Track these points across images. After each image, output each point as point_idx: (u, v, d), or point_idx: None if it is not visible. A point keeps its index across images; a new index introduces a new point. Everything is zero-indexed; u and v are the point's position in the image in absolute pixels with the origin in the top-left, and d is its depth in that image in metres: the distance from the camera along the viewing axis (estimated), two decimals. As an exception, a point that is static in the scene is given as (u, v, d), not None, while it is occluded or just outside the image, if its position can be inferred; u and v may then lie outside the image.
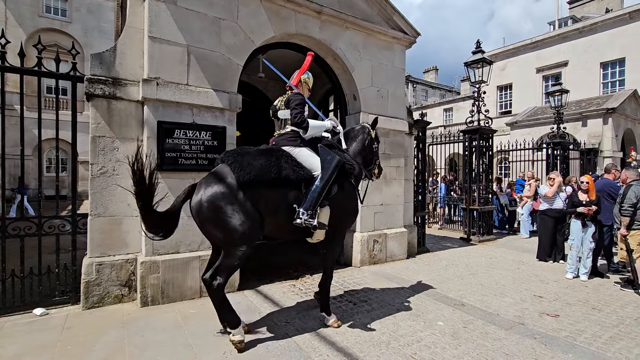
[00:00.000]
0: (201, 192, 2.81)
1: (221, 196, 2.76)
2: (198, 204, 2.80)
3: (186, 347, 2.94)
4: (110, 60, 3.89)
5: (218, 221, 2.76)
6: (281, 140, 3.35)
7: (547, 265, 6.09)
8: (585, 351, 3.03)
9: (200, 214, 2.80)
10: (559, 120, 10.79)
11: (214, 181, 2.83)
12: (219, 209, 2.74)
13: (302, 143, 3.32)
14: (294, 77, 3.65)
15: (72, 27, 21.24)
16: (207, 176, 2.95)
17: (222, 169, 2.90)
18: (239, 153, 2.98)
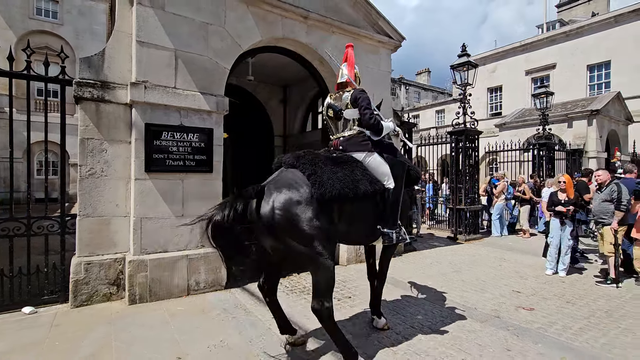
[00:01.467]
0: (272, 199, 2.48)
1: (297, 205, 2.47)
2: (270, 212, 2.46)
3: (172, 342, 3.04)
4: (98, 64, 3.99)
5: (292, 234, 2.47)
6: (351, 145, 3.04)
7: (529, 262, 6.27)
8: (555, 341, 3.18)
9: (273, 224, 2.45)
10: (544, 121, 11.06)
11: (287, 188, 2.53)
12: (297, 218, 2.45)
13: (372, 147, 3.02)
14: (347, 72, 3.28)
15: (63, 29, 21.14)
16: (275, 182, 2.62)
17: (295, 175, 2.63)
18: (314, 162, 2.67)
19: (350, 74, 3.27)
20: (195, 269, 4.27)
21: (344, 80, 3.26)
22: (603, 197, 5.53)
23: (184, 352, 2.87)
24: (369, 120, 2.95)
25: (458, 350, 2.98)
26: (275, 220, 2.44)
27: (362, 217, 2.82)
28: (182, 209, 4.24)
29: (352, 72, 3.30)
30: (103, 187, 4.00)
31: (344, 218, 2.70)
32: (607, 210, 5.35)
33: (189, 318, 3.58)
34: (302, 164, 2.66)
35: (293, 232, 2.46)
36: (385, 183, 2.89)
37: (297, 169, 2.66)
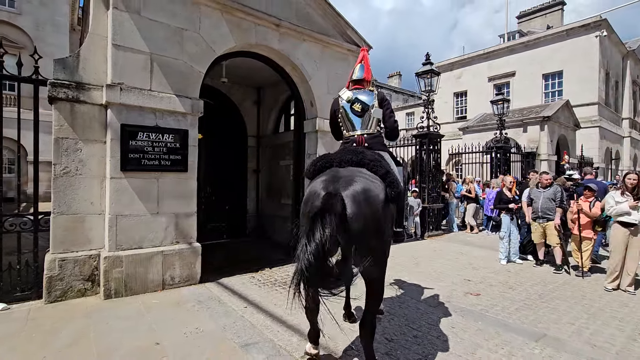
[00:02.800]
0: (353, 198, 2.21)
1: (385, 205, 2.34)
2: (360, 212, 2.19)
3: (149, 331, 3.24)
4: (73, 65, 4.08)
5: (375, 236, 2.28)
6: (375, 143, 3.04)
7: (482, 255, 6.89)
8: (493, 319, 3.68)
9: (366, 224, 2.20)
10: (501, 126, 11.95)
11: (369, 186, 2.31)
12: (381, 221, 2.31)
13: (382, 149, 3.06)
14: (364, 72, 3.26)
15: (22, 20, 20.02)
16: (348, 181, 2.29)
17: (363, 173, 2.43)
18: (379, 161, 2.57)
19: (368, 74, 3.28)
20: (170, 264, 4.45)
21: (361, 77, 3.23)
22: (548, 196, 6.28)
23: (161, 339, 3.09)
24: (393, 124, 3.13)
25: (410, 328, 3.40)
26: (367, 220, 2.19)
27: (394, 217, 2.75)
28: (157, 207, 4.40)
29: (369, 72, 3.31)
30: (78, 186, 4.09)
31: (391, 221, 2.64)
32: (551, 208, 6.08)
33: (165, 310, 3.77)
34: (370, 162, 2.51)
35: (379, 237, 2.28)
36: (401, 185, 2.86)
37: (365, 167, 2.49)
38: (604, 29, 18.55)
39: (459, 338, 3.23)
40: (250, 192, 8.60)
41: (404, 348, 3.01)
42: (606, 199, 5.08)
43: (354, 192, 2.20)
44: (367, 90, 3.18)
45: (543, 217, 6.20)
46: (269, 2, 5.46)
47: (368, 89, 3.19)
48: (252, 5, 5.21)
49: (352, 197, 2.18)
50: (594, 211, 5.52)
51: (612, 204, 4.87)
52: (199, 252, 4.69)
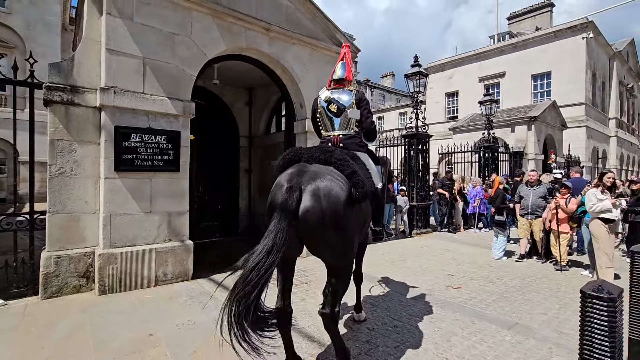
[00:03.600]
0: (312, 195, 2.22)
1: (345, 202, 2.30)
2: (317, 210, 2.19)
3: (143, 323, 3.40)
4: (68, 69, 4.21)
5: (336, 233, 2.28)
6: (351, 144, 3.03)
7: (467, 251, 7.13)
8: (470, 310, 3.90)
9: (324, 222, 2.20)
10: (489, 126, 12.24)
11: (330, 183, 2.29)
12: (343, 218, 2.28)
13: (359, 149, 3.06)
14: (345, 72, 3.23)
15: (12, 19, 19.85)
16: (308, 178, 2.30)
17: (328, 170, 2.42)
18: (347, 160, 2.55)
19: (349, 74, 3.24)
20: (163, 261, 4.60)
21: (342, 76, 3.19)
22: (538, 194, 6.58)
23: (154, 330, 3.25)
24: (370, 125, 3.08)
25: (391, 319, 3.61)
26: (325, 218, 2.19)
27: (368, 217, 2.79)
28: (151, 206, 4.55)
29: (350, 71, 3.28)
30: (72, 186, 4.23)
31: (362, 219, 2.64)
32: (541, 205, 6.42)
33: (158, 304, 3.93)
34: (337, 161, 2.50)
35: (338, 233, 2.27)
36: (376, 182, 2.93)
37: (332, 166, 2.48)
38: (590, 30, 18.98)
39: (436, 327, 3.44)
40: (243, 192, 8.75)
41: (384, 336, 3.21)
42: (588, 197, 5.17)
43: (316, 188, 2.23)
44: (347, 90, 3.13)
45: (532, 214, 6.55)
46: (259, 7, 5.63)
47: (348, 89, 3.15)
48: (242, 10, 5.37)
49: (313, 192, 2.21)
50: (570, 207, 5.79)
51: (595, 201, 4.94)
52: (191, 250, 4.85)
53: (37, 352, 2.85)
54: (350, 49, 6.72)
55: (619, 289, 1.46)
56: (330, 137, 3.10)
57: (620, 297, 1.44)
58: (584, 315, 1.43)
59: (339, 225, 2.26)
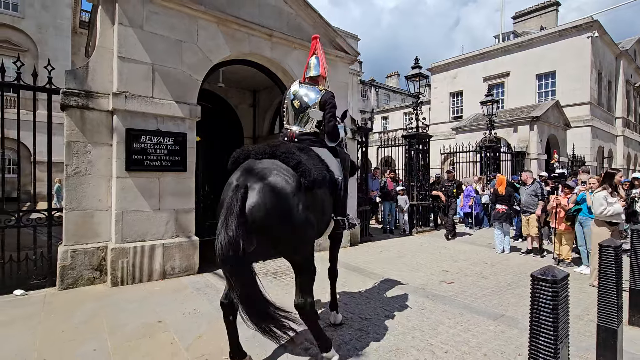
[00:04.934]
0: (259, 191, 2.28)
1: (292, 196, 2.36)
2: (261, 205, 2.24)
3: (153, 312, 3.67)
4: (83, 76, 4.51)
5: (283, 228, 2.34)
6: (306, 139, 3.06)
7: (465, 249, 7.31)
8: (459, 303, 4.11)
9: (268, 217, 2.26)
10: (491, 126, 12.36)
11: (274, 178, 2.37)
12: (291, 209, 2.35)
13: (322, 145, 3.12)
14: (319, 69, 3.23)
15: (25, 23, 20.42)
16: (256, 173, 2.38)
17: (276, 164, 2.50)
18: (293, 152, 2.61)
19: (322, 70, 3.23)
20: (171, 256, 4.89)
21: (317, 74, 3.20)
22: (530, 192, 6.91)
23: (163, 317, 3.53)
24: (332, 128, 3.05)
25: (384, 310, 3.84)
26: (269, 214, 2.25)
27: (327, 207, 2.87)
28: (159, 204, 4.84)
29: (323, 67, 3.25)
30: (87, 184, 4.53)
31: (319, 210, 2.69)
32: (532, 202, 6.73)
33: (166, 295, 4.21)
34: (282, 154, 2.57)
35: (287, 226, 2.33)
36: (336, 175, 2.99)
37: (277, 159, 2.55)
38: (595, 30, 18.92)
39: (425, 317, 3.66)
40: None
41: (375, 325, 3.44)
42: (597, 200, 4.82)
43: (260, 185, 2.29)
44: (317, 88, 3.12)
45: (526, 211, 6.84)
46: (262, 14, 5.89)
47: (318, 87, 3.15)
48: (245, 17, 5.63)
49: (258, 190, 2.27)
50: (562, 204, 5.98)
51: (605, 205, 4.67)
52: (197, 245, 5.12)
53: (58, 335, 3.13)
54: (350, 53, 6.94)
55: (565, 274, 1.68)
56: (288, 132, 3.13)
57: (564, 280, 1.66)
58: (533, 296, 1.64)
59: (286, 218, 2.31)
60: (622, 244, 2.99)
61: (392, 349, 2.97)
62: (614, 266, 2.49)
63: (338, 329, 3.34)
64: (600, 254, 2.60)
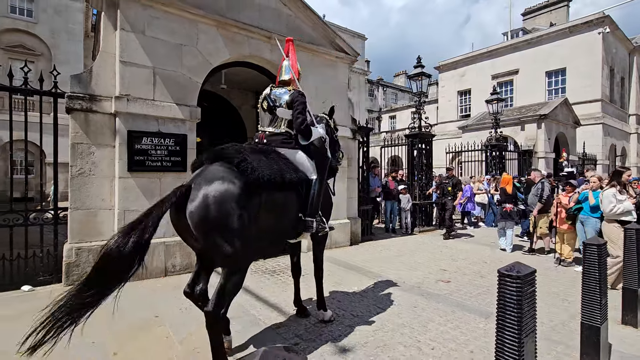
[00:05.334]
0: (202, 194, 2.32)
1: (232, 197, 2.35)
2: (203, 208, 2.29)
3: (152, 307, 3.81)
4: (87, 80, 4.68)
5: (221, 230, 2.32)
6: (274, 141, 3.10)
7: (466, 248, 7.30)
8: (453, 301, 4.14)
9: (207, 219, 2.29)
10: (496, 125, 12.24)
11: (218, 181, 2.39)
12: (230, 211, 2.32)
13: (296, 146, 3.13)
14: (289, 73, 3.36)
15: (38, 28, 21.03)
16: (203, 176, 2.45)
17: (223, 167, 2.52)
18: (240, 152, 2.63)
19: (295, 70, 3.35)
20: (172, 254, 5.03)
21: (288, 78, 3.32)
22: (533, 192, 6.93)
23: (160, 312, 3.66)
24: (300, 125, 3.07)
25: (376, 307, 3.89)
26: (209, 216, 2.28)
27: (288, 207, 2.88)
28: (160, 203, 4.98)
29: (296, 68, 3.37)
30: (91, 185, 4.70)
31: (274, 208, 2.71)
32: (534, 202, 6.75)
33: (166, 292, 4.34)
34: (228, 156, 2.58)
35: (222, 229, 2.31)
36: (309, 175, 3.05)
37: (224, 162, 2.57)
38: (607, 25, 18.52)
39: (417, 315, 3.70)
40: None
41: (366, 322, 3.50)
42: (606, 198, 4.78)
43: (201, 191, 2.33)
44: (287, 90, 3.20)
45: (531, 211, 6.86)
46: (261, 17, 6.00)
47: (288, 88, 3.23)
48: (245, 20, 5.75)
49: (198, 195, 2.32)
50: (563, 202, 5.92)
51: (615, 203, 4.62)
52: (198, 243, 5.25)
53: (60, 328, 3.28)
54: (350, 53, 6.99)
55: (530, 270, 1.72)
56: (259, 133, 3.23)
57: (530, 276, 1.70)
58: (499, 291, 1.69)
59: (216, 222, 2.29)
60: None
61: (380, 344, 3.03)
62: (597, 264, 2.50)
63: (329, 325, 3.41)
64: (583, 252, 2.62)
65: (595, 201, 5.44)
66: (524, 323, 1.60)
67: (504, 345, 1.64)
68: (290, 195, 2.89)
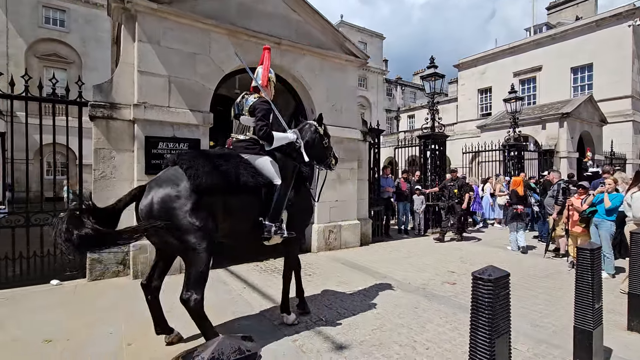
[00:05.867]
0: (152, 195, 2.65)
1: (175, 199, 2.62)
2: (149, 206, 2.63)
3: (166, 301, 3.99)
4: (108, 89, 5.01)
5: (172, 225, 2.60)
6: (239, 147, 3.24)
7: (478, 250, 7.23)
8: (455, 303, 4.17)
9: (151, 217, 2.60)
10: (514, 124, 11.96)
11: (165, 184, 2.68)
12: (173, 211, 2.59)
13: (261, 151, 3.24)
14: (261, 76, 3.48)
15: (70, 37, 22.28)
16: (157, 179, 2.78)
17: (175, 171, 2.76)
18: (195, 156, 2.87)
19: (263, 80, 3.44)
20: (186, 252, 5.29)
21: (258, 83, 3.42)
22: (549, 194, 6.83)
23: (174, 306, 3.87)
24: (259, 131, 3.17)
25: (379, 307, 3.99)
26: (153, 214, 2.58)
27: (246, 209, 3.01)
28: (175, 204, 5.26)
29: (266, 77, 3.45)
30: (112, 187, 5.03)
31: (229, 210, 2.86)
32: (550, 204, 6.66)
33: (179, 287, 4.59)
34: (182, 160, 2.78)
35: (170, 226, 2.57)
36: (274, 180, 3.14)
37: (177, 166, 2.78)
38: (637, 17, 17.64)
39: (417, 316, 3.77)
40: (265, 191, 9.40)
41: (365, 321, 3.60)
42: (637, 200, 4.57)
43: (153, 194, 2.66)
44: (253, 97, 3.31)
45: (549, 213, 6.79)
46: (271, 24, 6.19)
47: (254, 96, 3.33)
48: (255, 27, 5.96)
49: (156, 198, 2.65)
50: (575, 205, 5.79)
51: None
52: (210, 243, 5.50)
53: (83, 319, 3.59)
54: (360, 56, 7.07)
55: (504, 273, 1.80)
56: (228, 140, 3.41)
57: (503, 280, 1.77)
58: (472, 293, 1.78)
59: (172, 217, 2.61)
60: None
61: (376, 343, 3.14)
62: (590, 269, 2.51)
63: (329, 324, 3.54)
64: (577, 256, 2.62)
65: (611, 204, 5.30)
66: (495, 324, 1.68)
67: (476, 345, 1.72)
68: (246, 198, 3.00)
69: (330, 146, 3.95)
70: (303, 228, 3.78)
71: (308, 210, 3.69)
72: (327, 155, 3.85)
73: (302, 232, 3.81)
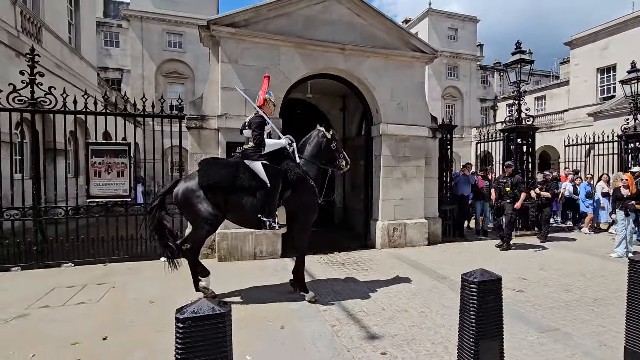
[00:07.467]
0: (179, 186, 3.96)
1: (190, 191, 3.85)
2: (176, 193, 3.96)
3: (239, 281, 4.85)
4: (199, 104, 6.09)
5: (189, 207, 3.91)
6: (245, 155, 4.12)
7: (563, 256, 6.40)
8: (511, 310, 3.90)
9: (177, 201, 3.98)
10: (636, 109, 9.90)
11: (186, 180, 3.99)
12: (189, 199, 3.86)
13: (259, 157, 3.98)
14: (259, 98, 4.35)
15: (186, 56, 26.33)
16: (185, 177, 4.22)
17: (194, 173, 4.07)
18: (208, 162, 4.02)
19: (260, 100, 4.30)
20: (259, 241, 6.11)
21: (256, 104, 4.31)
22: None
23: (245, 285, 4.65)
24: (253, 139, 4.01)
25: (424, 306, 4.06)
26: (178, 200, 3.93)
27: (244, 205, 3.92)
28: (251, 200, 6.11)
29: (261, 100, 4.29)
30: (202, 184, 6.11)
31: (231, 202, 3.91)
32: None
33: (252, 271, 5.39)
34: (199, 165, 3.99)
35: (188, 208, 3.93)
36: (267, 182, 3.89)
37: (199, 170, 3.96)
38: None
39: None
40: (338, 188, 9.86)
41: (406, 317, 3.74)
42: None
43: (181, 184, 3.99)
44: (253, 114, 4.26)
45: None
46: (335, 31, 6.56)
47: (254, 113, 4.26)
48: (320, 37, 6.41)
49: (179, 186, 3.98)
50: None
51: None
52: (279, 235, 6.21)
53: (175, 288, 4.58)
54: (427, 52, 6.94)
55: (494, 277, 1.84)
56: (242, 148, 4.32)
57: (492, 284, 1.83)
58: (461, 296, 1.89)
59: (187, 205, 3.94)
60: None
61: (409, 338, 3.28)
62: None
63: (370, 314, 3.79)
64: (629, 269, 2.35)
65: None
66: (482, 326, 1.78)
67: (463, 346, 1.84)
68: (243, 196, 3.93)
69: (340, 149, 4.49)
70: (309, 220, 4.34)
71: (310, 205, 4.24)
72: (336, 157, 4.42)
73: (306, 227, 4.35)
